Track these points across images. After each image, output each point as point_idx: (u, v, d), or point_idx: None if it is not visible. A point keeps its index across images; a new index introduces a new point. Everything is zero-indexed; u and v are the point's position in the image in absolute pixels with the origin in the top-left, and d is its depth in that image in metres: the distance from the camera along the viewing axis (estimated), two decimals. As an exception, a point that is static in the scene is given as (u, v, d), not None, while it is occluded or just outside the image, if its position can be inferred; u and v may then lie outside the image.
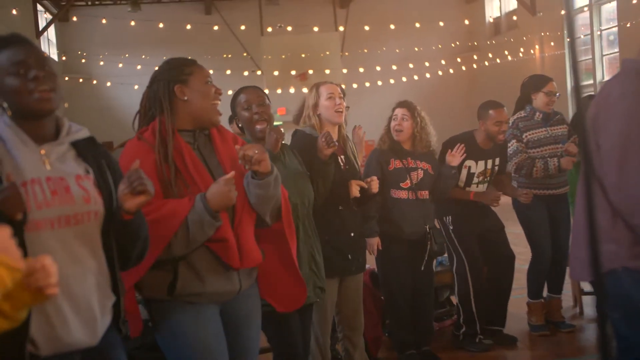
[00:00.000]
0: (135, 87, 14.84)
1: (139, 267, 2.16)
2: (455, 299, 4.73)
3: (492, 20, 18.88)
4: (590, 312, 5.10)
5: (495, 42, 17.87)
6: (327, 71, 15.44)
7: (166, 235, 2.19)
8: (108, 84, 17.59)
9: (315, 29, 16.76)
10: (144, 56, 15.89)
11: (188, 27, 16.67)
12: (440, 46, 18.05)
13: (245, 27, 16.95)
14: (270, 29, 17.45)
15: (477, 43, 18.74)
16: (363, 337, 3.83)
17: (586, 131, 2.13)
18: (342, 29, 17.62)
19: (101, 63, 17.61)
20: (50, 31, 17.67)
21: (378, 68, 17.37)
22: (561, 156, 4.55)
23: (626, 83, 2.25)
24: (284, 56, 16.37)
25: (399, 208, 4.13)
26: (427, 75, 17.65)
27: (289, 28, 17.00)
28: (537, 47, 15.79)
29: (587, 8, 14.12)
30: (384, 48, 17.83)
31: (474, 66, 18.00)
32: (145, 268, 2.23)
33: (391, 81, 17.22)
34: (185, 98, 2.40)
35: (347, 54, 17.51)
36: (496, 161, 4.59)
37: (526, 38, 15.97)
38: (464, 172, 4.47)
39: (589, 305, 5.16)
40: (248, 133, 3.07)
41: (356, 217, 3.63)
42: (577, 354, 4.40)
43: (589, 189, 1.41)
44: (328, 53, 16.68)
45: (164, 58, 2.57)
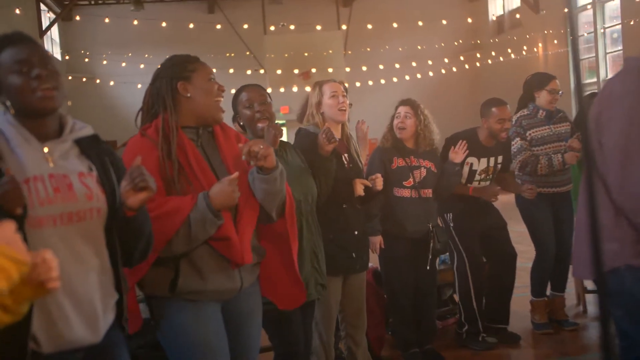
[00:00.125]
0: (138, 86, 14.85)
1: (141, 265, 2.17)
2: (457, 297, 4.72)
3: (495, 18, 18.84)
4: (593, 310, 5.09)
5: (498, 40, 17.85)
6: (330, 70, 15.45)
7: (168, 232, 2.19)
8: (111, 83, 17.62)
9: (318, 28, 16.79)
10: (147, 55, 15.90)
11: (191, 26, 16.71)
12: (443, 44, 18.03)
13: (248, 26, 16.97)
14: (273, 28, 17.47)
15: (480, 41, 18.71)
16: (366, 336, 3.83)
17: (588, 129, 2.13)
18: (345, 28, 17.65)
19: (104, 62, 17.65)
20: (53, 30, 17.70)
21: (381, 66, 17.38)
22: (565, 152, 4.54)
23: (628, 81, 2.24)
24: (287, 55, 16.40)
25: (402, 207, 4.12)
26: (430, 73, 17.64)
27: (292, 27, 17.02)
28: (540, 45, 15.76)
29: (591, 6, 14.08)
30: (387, 46, 17.82)
31: (477, 64, 17.99)
32: (147, 265, 2.23)
33: (394, 80, 17.22)
34: (188, 95, 2.39)
35: (350, 53, 17.52)
36: (499, 159, 4.58)
37: (529, 36, 15.95)
38: (466, 169, 4.46)
39: (593, 303, 5.15)
40: (250, 131, 3.07)
41: (360, 216, 3.63)
42: (581, 352, 4.40)
43: (591, 188, 1.40)
44: (331, 52, 16.70)
45: (167, 57, 2.57)
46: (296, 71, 16.19)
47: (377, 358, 4.29)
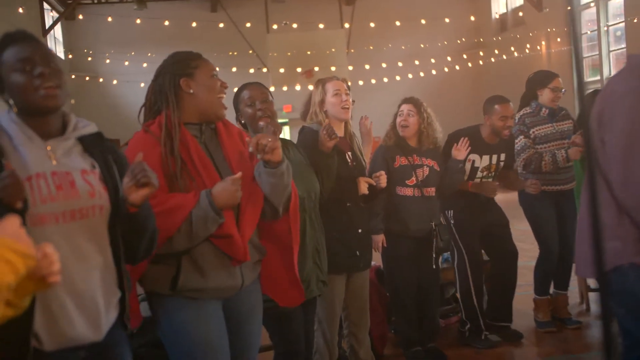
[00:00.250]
0: (141, 85, 14.81)
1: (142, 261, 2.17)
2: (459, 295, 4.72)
3: (498, 16, 18.82)
4: (596, 309, 5.08)
5: (501, 39, 17.83)
6: (333, 68, 15.43)
7: (169, 229, 2.19)
8: (114, 82, 17.63)
9: (320, 26, 16.78)
10: (150, 54, 15.89)
11: (194, 25, 16.70)
12: (446, 43, 18.01)
13: (251, 25, 16.96)
14: (275, 27, 17.45)
15: (483, 39, 18.68)
16: (368, 334, 3.83)
17: (590, 128, 2.13)
18: (348, 26, 17.62)
19: (107, 61, 17.67)
20: (56, 29, 17.74)
21: (384, 65, 17.36)
22: (568, 149, 4.53)
23: (631, 79, 2.24)
24: (290, 53, 16.40)
25: (405, 205, 4.12)
26: (433, 72, 17.62)
27: (295, 25, 17.03)
28: (544, 43, 15.73)
29: (594, 4, 14.06)
30: (390, 45, 17.81)
31: (480, 63, 17.96)
32: (146, 262, 2.24)
33: (397, 78, 17.21)
34: (191, 91, 2.39)
35: (353, 51, 17.51)
36: (502, 157, 4.57)
37: (532, 34, 15.92)
38: (468, 166, 4.44)
39: (596, 301, 5.14)
40: (251, 129, 3.07)
41: (364, 214, 3.63)
42: (584, 351, 4.39)
43: (593, 187, 1.40)
44: (334, 50, 16.69)
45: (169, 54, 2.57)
46: (299, 70, 16.18)
47: (380, 356, 4.29)
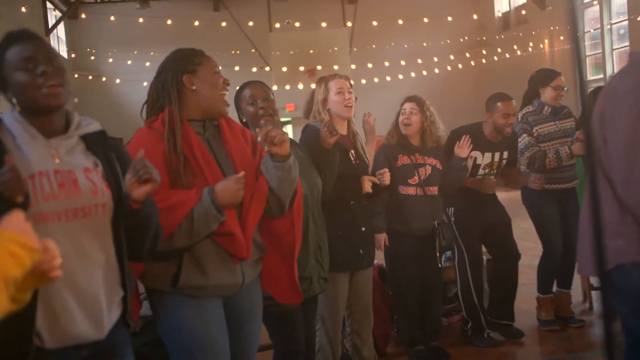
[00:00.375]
0: (144, 84, 14.68)
1: None
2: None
3: (501, 14, 18.77)
4: (599, 307, 5.07)
5: (504, 37, 17.77)
6: (336, 67, 15.38)
7: (170, 226, 2.19)
8: (117, 81, 17.63)
9: (323, 25, 16.75)
10: (153, 53, 15.88)
11: (196, 24, 16.71)
12: (448, 41, 17.97)
13: (253, 24, 16.96)
14: (278, 25, 17.45)
15: (486, 38, 18.65)
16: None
17: (591, 126, 2.12)
18: (350, 25, 17.60)
19: (110, 60, 17.68)
20: (59, 29, 17.74)
21: (387, 63, 17.34)
22: (571, 145, 4.52)
23: (633, 77, 2.23)
24: (293, 52, 16.38)
25: (407, 204, 4.12)
26: (436, 70, 17.60)
27: (297, 24, 17.00)
28: (547, 42, 15.69)
29: (597, 2, 14.02)
30: (393, 43, 17.79)
31: (483, 61, 17.93)
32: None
33: (400, 77, 17.18)
34: (193, 88, 2.39)
35: (356, 50, 17.48)
36: (504, 154, 4.56)
37: (535, 32, 15.87)
38: (470, 163, 4.42)
39: (599, 300, 5.13)
40: (252, 128, 3.07)
41: (367, 212, 3.64)
42: (587, 349, 4.39)
43: (594, 185, 1.40)
44: (336, 49, 16.66)
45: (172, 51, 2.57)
46: (302, 68, 16.17)
47: (383, 355, 4.29)
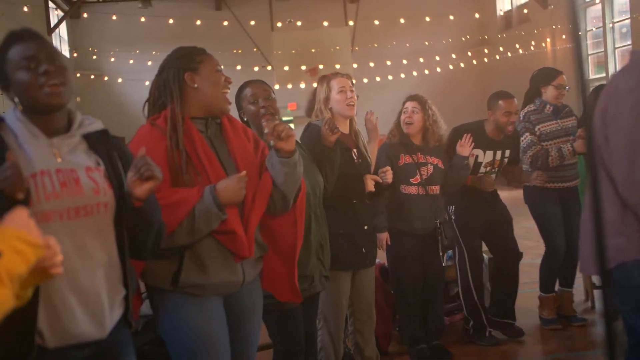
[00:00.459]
0: (146, 83, 14.62)
1: None
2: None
3: (503, 13, 18.75)
4: (602, 306, 5.07)
5: (506, 36, 17.76)
6: (338, 66, 15.37)
7: (171, 224, 2.18)
8: (119, 80, 17.65)
9: (325, 24, 16.75)
10: (155, 52, 15.87)
11: (198, 23, 16.72)
12: (450, 40, 17.95)
13: (255, 23, 16.96)
14: (280, 24, 17.46)
15: (488, 37, 18.62)
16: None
17: (592, 126, 2.12)
18: (352, 24, 17.59)
19: (112, 59, 17.69)
20: (61, 28, 17.76)
21: (388, 62, 17.34)
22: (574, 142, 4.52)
23: (635, 76, 2.23)
24: (294, 51, 16.39)
25: (409, 204, 4.11)
26: (438, 69, 17.59)
27: (299, 23, 17.01)
28: (549, 41, 15.66)
29: (599, 0, 14.00)
30: (394, 42, 17.78)
31: (485, 60, 17.91)
32: None
33: (402, 75, 17.18)
34: (195, 86, 2.39)
35: (357, 49, 17.48)
36: (506, 153, 4.55)
37: (537, 31, 15.85)
38: (471, 161, 4.40)
39: (601, 299, 5.12)
40: (254, 127, 3.07)
41: (369, 211, 3.63)
42: (589, 348, 4.38)
43: (595, 184, 1.40)
44: (338, 48, 16.67)
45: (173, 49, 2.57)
46: (303, 67, 16.18)
47: (385, 354, 4.29)
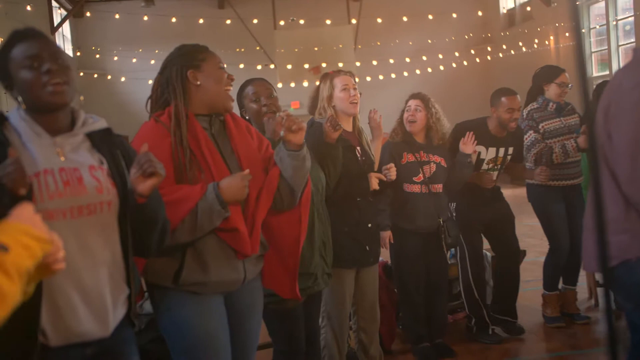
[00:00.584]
0: (149, 82, 14.58)
1: None
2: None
3: (506, 11, 18.72)
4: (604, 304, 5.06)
5: (509, 34, 17.74)
6: (341, 64, 15.39)
7: (174, 220, 2.18)
8: (122, 79, 17.67)
9: (328, 22, 16.75)
10: (157, 51, 15.86)
11: (201, 22, 16.74)
12: (453, 38, 17.94)
13: (258, 21, 16.98)
14: (283, 23, 17.44)
15: (491, 35, 18.60)
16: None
17: (595, 123, 2.12)
18: (355, 22, 17.58)
19: (115, 58, 17.72)
20: (65, 27, 17.78)
21: (391, 61, 17.33)
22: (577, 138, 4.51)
23: (638, 73, 2.22)
24: (297, 50, 16.39)
25: (412, 202, 4.11)
26: (441, 67, 17.57)
27: (302, 21, 17.00)
28: (552, 38, 15.64)
29: (603, -2, 13.98)
30: (397, 40, 17.76)
31: (488, 58, 17.89)
32: None
33: (405, 74, 17.18)
34: (198, 83, 2.40)
35: (361, 47, 17.48)
36: (509, 150, 4.55)
37: (541, 29, 15.83)
38: (473, 157, 4.41)
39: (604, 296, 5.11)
40: (256, 125, 3.07)
41: (373, 208, 3.64)
42: (592, 346, 4.37)
43: (597, 182, 1.40)
44: (341, 46, 16.67)
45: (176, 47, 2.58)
46: (306, 66, 16.18)
47: (388, 352, 4.29)
